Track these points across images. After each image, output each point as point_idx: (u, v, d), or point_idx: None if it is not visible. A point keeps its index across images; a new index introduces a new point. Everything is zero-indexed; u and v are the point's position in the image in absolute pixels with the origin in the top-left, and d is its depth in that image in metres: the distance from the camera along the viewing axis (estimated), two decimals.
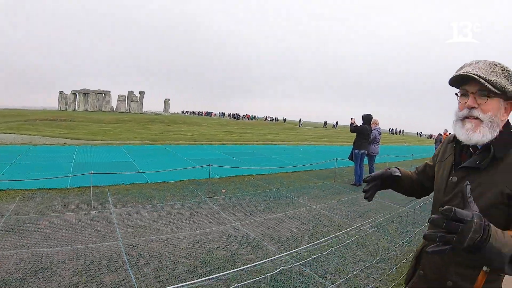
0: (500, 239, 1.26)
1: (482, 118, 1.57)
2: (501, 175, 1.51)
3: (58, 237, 5.25)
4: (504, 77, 1.56)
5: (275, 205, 7.96)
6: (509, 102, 1.62)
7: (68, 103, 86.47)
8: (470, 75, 1.55)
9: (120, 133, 27.45)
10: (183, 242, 5.36)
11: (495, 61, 1.60)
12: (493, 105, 1.57)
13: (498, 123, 1.59)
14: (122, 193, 8.11)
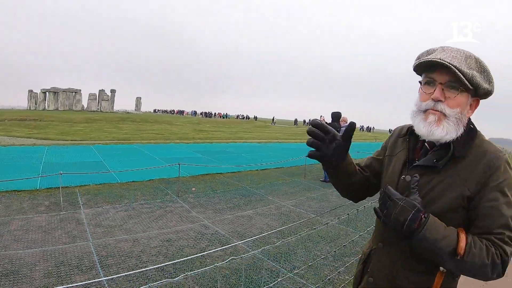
0: (438, 231, 1.27)
1: (447, 114, 1.40)
2: (461, 176, 1.38)
3: (28, 239, 5.29)
4: (478, 71, 1.39)
5: (244, 203, 8.11)
6: (475, 98, 1.47)
7: (38, 102, 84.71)
8: (444, 63, 1.35)
9: (91, 132, 27.15)
10: (153, 241, 5.46)
11: (469, 52, 1.43)
12: (462, 101, 1.41)
13: (463, 121, 1.43)
14: (92, 193, 8.14)
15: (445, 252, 1.26)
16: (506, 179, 1.33)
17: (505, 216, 1.29)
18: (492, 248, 1.26)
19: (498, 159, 1.35)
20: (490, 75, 1.42)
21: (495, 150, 1.39)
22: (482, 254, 1.24)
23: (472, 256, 1.24)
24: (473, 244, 1.26)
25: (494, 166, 1.34)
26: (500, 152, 1.38)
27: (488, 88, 1.42)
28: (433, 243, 1.26)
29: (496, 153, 1.37)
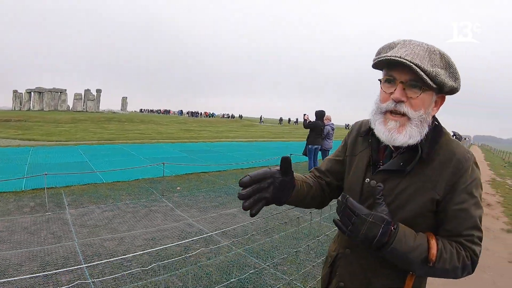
0: (408, 242, 1.24)
1: (410, 116, 1.31)
2: (429, 179, 1.33)
3: (14, 240, 5.34)
4: (443, 68, 1.31)
5: (229, 201, 8.21)
6: (440, 95, 1.40)
7: (23, 103, 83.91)
8: (405, 62, 1.25)
9: (76, 133, 27.04)
10: (137, 239, 5.55)
11: (434, 46, 1.32)
12: (425, 100, 1.33)
13: (427, 120, 1.35)
14: (78, 193, 8.19)
15: (417, 261, 1.25)
16: (474, 180, 1.33)
17: (473, 217, 1.31)
18: (462, 251, 1.29)
19: (467, 161, 1.33)
20: (456, 72, 1.34)
21: (463, 151, 1.35)
22: (453, 258, 1.26)
23: (443, 262, 1.25)
24: (444, 249, 1.26)
25: (462, 168, 1.31)
26: (468, 153, 1.36)
27: (454, 85, 1.34)
28: (404, 254, 1.24)
29: (465, 155, 1.34)
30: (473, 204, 1.31)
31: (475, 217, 1.32)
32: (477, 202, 1.32)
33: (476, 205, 1.32)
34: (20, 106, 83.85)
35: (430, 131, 1.36)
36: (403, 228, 1.27)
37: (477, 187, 1.34)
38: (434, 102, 1.38)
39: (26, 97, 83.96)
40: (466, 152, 1.35)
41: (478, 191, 1.34)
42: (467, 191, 1.31)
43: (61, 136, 23.21)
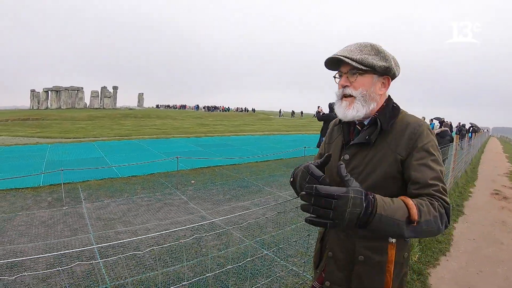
0: (389, 206, 1.28)
1: (354, 95, 1.62)
2: (391, 145, 1.56)
3: (32, 234, 5.49)
4: (372, 54, 1.61)
5: (242, 194, 8.27)
6: (385, 77, 1.67)
7: (41, 102, 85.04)
8: (336, 57, 1.62)
9: (93, 129, 27.35)
10: (151, 232, 5.63)
11: (366, 42, 1.67)
12: (364, 82, 1.62)
13: (374, 97, 1.64)
14: (94, 188, 8.34)
15: (403, 222, 1.28)
16: (430, 141, 1.54)
17: (435, 170, 1.48)
18: (434, 201, 1.40)
19: (420, 126, 1.56)
20: (385, 55, 1.63)
21: (416, 120, 1.61)
22: (430, 210, 1.35)
23: (424, 215, 1.32)
24: (420, 204, 1.35)
25: (417, 132, 1.54)
26: (421, 121, 1.61)
27: (385, 65, 1.61)
28: (391, 218, 1.26)
29: (418, 122, 1.59)
30: (432, 160, 1.51)
31: (436, 170, 1.49)
32: (436, 159, 1.52)
33: (436, 161, 1.51)
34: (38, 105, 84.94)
35: (388, 110, 1.65)
36: (379, 196, 1.30)
37: (433, 148, 1.54)
38: (378, 83, 1.66)
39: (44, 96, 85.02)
40: (419, 120, 1.60)
41: (436, 152, 1.55)
42: (425, 149, 1.52)
43: (78, 133, 23.53)
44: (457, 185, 9.81)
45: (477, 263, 4.97)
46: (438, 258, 4.97)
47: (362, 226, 1.25)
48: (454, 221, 6.76)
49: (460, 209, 7.64)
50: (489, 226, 6.66)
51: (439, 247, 5.35)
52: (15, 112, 58.90)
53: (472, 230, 6.37)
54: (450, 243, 5.60)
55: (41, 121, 37.22)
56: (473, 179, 12.11)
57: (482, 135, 31.98)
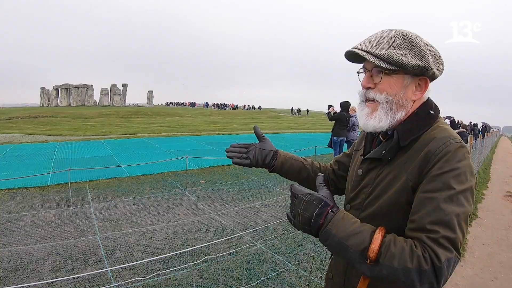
0: (346, 228, 1.13)
1: (378, 100, 1.31)
2: (405, 166, 1.23)
3: (38, 235, 5.41)
4: (404, 48, 1.26)
5: (252, 194, 8.15)
6: (421, 78, 1.30)
7: (51, 99, 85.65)
8: (355, 51, 1.30)
9: (102, 127, 27.42)
10: (159, 233, 5.53)
11: (398, 30, 1.31)
12: (390, 84, 1.29)
13: (404, 104, 1.30)
14: (102, 187, 8.27)
15: (355, 253, 1.10)
16: (454, 170, 1.12)
17: (443, 212, 1.08)
18: (419, 250, 1.04)
19: (447, 146, 1.16)
20: (421, 50, 1.25)
21: (446, 135, 1.20)
22: (404, 256, 1.04)
23: (390, 257, 1.05)
24: (393, 243, 1.07)
25: (438, 153, 1.16)
26: (452, 138, 1.19)
27: (420, 64, 1.24)
28: (340, 240, 1.12)
29: (446, 139, 1.18)
30: (448, 196, 1.09)
31: (446, 212, 1.07)
32: (454, 196, 1.09)
33: (452, 199, 1.09)
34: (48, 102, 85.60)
35: (417, 119, 1.30)
36: (343, 214, 1.18)
37: (458, 179, 1.11)
38: (412, 85, 1.30)
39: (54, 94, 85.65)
40: (449, 137, 1.19)
41: (461, 184, 1.11)
42: (441, 179, 1.12)
43: (87, 131, 23.58)
44: None
45: (492, 269, 4.88)
46: None
47: (315, 235, 1.20)
48: (469, 225, 6.59)
49: (474, 212, 7.51)
50: (503, 230, 6.56)
51: None
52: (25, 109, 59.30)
53: (486, 234, 6.27)
54: (465, 248, 5.50)
55: (51, 118, 37.41)
56: (485, 180, 11.95)
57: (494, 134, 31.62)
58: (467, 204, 1.10)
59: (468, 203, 1.10)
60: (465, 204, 1.09)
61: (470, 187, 1.12)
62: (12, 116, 39.37)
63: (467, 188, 1.11)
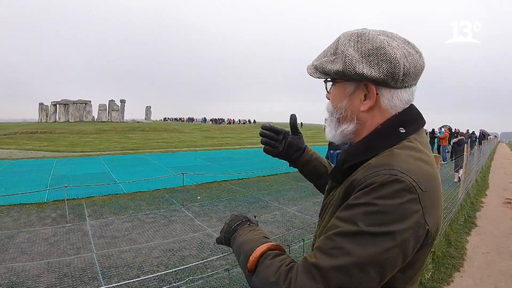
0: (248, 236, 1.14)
1: (328, 111, 1.20)
2: (338, 196, 1.07)
3: (34, 251, 5.41)
4: (332, 54, 1.12)
5: (249, 210, 8.14)
6: (370, 85, 1.05)
7: (49, 115, 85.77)
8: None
9: (100, 143, 27.44)
10: (155, 250, 5.53)
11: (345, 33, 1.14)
12: (335, 94, 1.16)
13: (349, 116, 1.13)
14: (98, 204, 8.26)
15: (245, 258, 1.05)
16: (369, 205, 0.88)
17: (333, 242, 0.89)
18: (285, 268, 0.93)
19: (374, 176, 0.92)
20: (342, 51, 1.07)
21: (384, 163, 0.96)
22: (270, 269, 0.96)
23: (261, 270, 0.98)
24: (271, 257, 1.00)
25: (363, 183, 0.94)
26: (389, 168, 0.93)
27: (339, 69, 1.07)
28: (239, 245, 1.13)
29: (379, 167, 0.95)
30: (348, 231, 0.88)
31: (337, 245, 0.87)
32: (355, 234, 0.87)
33: (352, 236, 0.87)
34: (46, 118, 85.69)
35: (371, 139, 1.09)
36: (257, 228, 1.21)
37: (370, 218, 0.87)
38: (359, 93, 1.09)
39: (52, 109, 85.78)
40: (384, 165, 0.95)
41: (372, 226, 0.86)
42: (352, 211, 0.91)
43: (85, 147, 23.60)
44: (468, 196, 9.65)
45: (492, 278, 4.84)
46: (451, 275, 4.83)
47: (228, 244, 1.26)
48: (467, 233, 6.62)
49: (473, 221, 7.49)
50: (502, 237, 6.53)
51: (452, 262, 5.21)
52: (23, 125, 59.33)
53: (485, 242, 6.24)
54: (463, 258, 5.46)
55: (49, 134, 37.45)
56: (484, 188, 11.95)
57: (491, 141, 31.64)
58: (377, 253, 0.84)
59: (378, 251, 0.84)
60: (372, 251, 0.84)
61: (388, 232, 0.85)
62: (10, 132, 39.36)
63: (382, 233, 0.85)
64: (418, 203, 0.88)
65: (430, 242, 0.96)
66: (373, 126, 1.09)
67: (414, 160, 0.97)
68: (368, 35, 1.06)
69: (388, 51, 1.01)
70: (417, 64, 1.04)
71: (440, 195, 1.01)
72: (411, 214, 0.87)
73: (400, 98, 1.07)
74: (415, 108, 1.12)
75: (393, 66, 1.00)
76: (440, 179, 1.04)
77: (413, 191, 0.88)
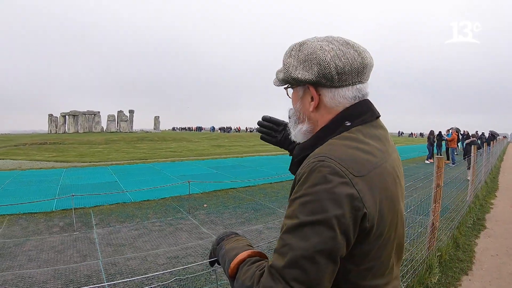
0: (233, 244, 1.21)
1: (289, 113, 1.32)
2: None
3: (41, 259, 5.47)
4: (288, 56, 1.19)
5: (255, 217, 8.15)
6: (310, 87, 1.15)
7: (58, 126, 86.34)
8: None
9: (109, 153, 27.57)
10: (160, 258, 5.56)
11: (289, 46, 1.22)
12: (292, 99, 1.26)
13: (302, 117, 1.22)
14: (106, 213, 8.33)
15: (227, 265, 1.14)
16: (304, 196, 0.94)
17: (282, 241, 0.95)
18: (260, 272, 1.00)
19: (308, 166, 0.99)
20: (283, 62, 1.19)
21: (316, 153, 1.03)
22: (247, 274, 1.02)
23: (240, 274, 1.05)
24: (250, 263, 1.07)
25: (300, 174, 1.01)
26: (317, 156, 1.00)
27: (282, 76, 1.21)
28: (224, 252, 1.19)
29: (311, 158, 1.02)
30: (291, 226, 0.94)
31: (284, 242, 0.94)
32: (296, 227, 0.93)
33: (294, 230, 0.93)
34: (56, 129, 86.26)
35: (317, 135, 1.17)
36: (243, 238, 1.29)
37: (307, 207, 0.92)
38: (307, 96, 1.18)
39: (61, 120, 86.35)
40: (315, 155, 1.02)
41: (308, 214, 0.91)
42: (293, 205, 0.97)
43: (94, 157, 23.72)
44: (477, 198, 9.58)
45: (502, 281, 4.77)
46: (459, 278, 4.79)
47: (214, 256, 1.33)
48: (476, 236, 6.57)
49: (482, 223, 7.44)
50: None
51: (460, 266, 5.17)
52: (33, 136, 59.84)
53: (495, 245, 6.17)
54: (472, 261, 5.41)
55: (59, 145, 37.71)
56: (493, 189, 11.86)
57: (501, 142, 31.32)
58: (319, 241, 0.89)
59: (320, 239, 0.89)
60: (314, 240, 0.89)
61: (324, 219, 0.90)
62: (19, 143, 39.66)
63: (318, 221, 0.90)
64: (351, 186, 0.93)
65: (374, 230, 0.99)
66: (323, 124, 1.16)
67: (347, 149, 1.02)
68: (307, 43, 1.15)
69: (318, 55, 1.09)
70: (354, 62, 1.09)
71: (386, 183, 1.04)
72: (343, 198, 0.91)
73: (343, 95, 1.12)
74: (365, 103, 1.16)
75: (323, 67, 1.08)
76: (388, 168, 1.08)
77: (342, 175, 0.93)
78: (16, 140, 47.00)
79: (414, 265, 4.46)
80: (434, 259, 4.80)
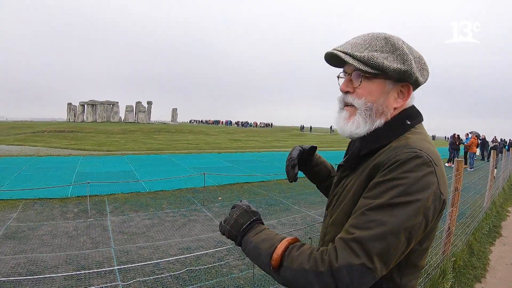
0: (261, 235, 1.14)
1: (356, 105, 1.22)
2: (361, 175, 1.15)
3: (54, 244, 5.50)
4: (386, 51, 1.18)
5: (269, 212, 8.10)
6: (404, 84, 1.21)
7: (77, 115, 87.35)
8: (333, 52, 1.22)
9: (126, 143, 27.74)
10: (172, 248, 5.54)
11: (383, 33, 1.23)
12: (370, 89, 1.20)
13: (383, 111, 1.21)
14: (120, 201, 8.36)
15: (266, 256, 1.07)
16: (396, 179, 1.00)
17: (367, 216, 0.98)
18: (318, 253, 0.99)
19: (398, 155, 1.05)
20: (403, 53, 1.17)
21: (402, 145, 1.09)
22: (302, 258, 0.99)
23: (290, 262, 1.01)
24: (297, 248, 1.04)
25: (388, 162, 1.05)
26: (408, 148, 1.06)
27: (401, 68, 1.15)
28: (255, 245, 1.12)
29: (399, 148, 1.08)
30: (379, 204, 0.98)
31: (371, 218, 0.97)
32: (387, 206, 0.97)
33: (384, 208, 0.97)
34: (74, 118, 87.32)
35: (387, 128, 1.20)
36: (266, 227, 1.21)
37: (399, 189, 0.98)
38: (394, 92, 1.21)
39: (80, 109, 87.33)
40: (404, 146, 1.08)
41: (400, 197, 0.97)
42: (381, 187, 1.01)
43: (111, 146, 23.89)
44: (494, 205, 9.40)
45: None
46: (472, 286, 4.67)
47: (237, 242, 1.21)
48: (491, 243, 6.41)
49: (498, 230, 7.26)
50: None
51: (474, 272, 5.03)
52: (52, 124, 60.38)
53: (510, 253, 6.00)
54: (486, 269, 5.27)
55: (76, 133, 38.03)
56: (511, 197, 11.59)
57: None
58: (406, 220, 0.95)
59: (407, 218, 0.95)
60: (402, 218, 0.95)
61: (413, 201, 0.96)
62: (38, 130, 40.11)
63: (408, 202, 0.96)
64: (435, 175, 1.02)
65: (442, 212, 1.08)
66: (386, 120, 1.23)
67: (424, 142, 1.13)
68: (412, 48, 1.25)
69: (425, 62, 1.25)
70: None
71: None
72: (431, 185, 1.00)
73: (413, 97, 1.26)
74: (415, 107, 1.29)
75: (429, 74, 1.26)
76: None
77: (430, 165, 1.03)
78: (35, 127, 47.55)
79: (428, 269, 4.38)
80: (448, 264, 4.71)
